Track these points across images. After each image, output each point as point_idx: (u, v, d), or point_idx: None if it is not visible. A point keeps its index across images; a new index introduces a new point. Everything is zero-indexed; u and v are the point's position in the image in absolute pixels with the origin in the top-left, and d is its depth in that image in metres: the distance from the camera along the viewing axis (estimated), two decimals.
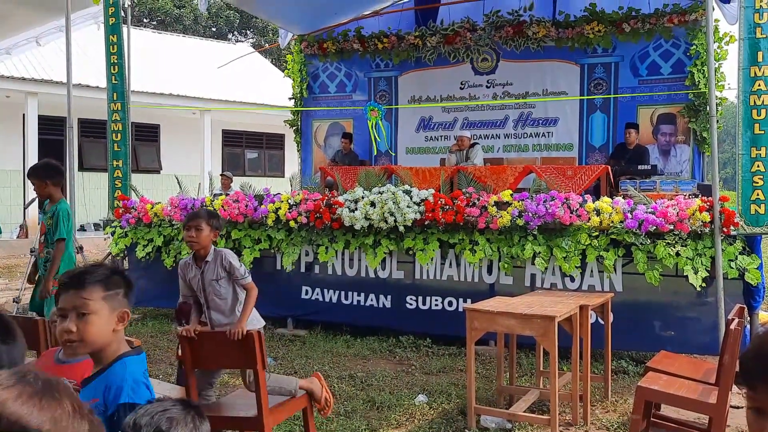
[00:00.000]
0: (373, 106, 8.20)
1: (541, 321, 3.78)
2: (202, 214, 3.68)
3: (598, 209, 5.48)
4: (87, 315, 1.83)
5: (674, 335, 5.34)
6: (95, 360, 1.91)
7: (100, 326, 1.85)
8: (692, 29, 8.62)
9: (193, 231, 3.57)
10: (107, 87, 7.26)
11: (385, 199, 6.10)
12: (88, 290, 1.85)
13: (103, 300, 1.86)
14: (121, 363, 1.88)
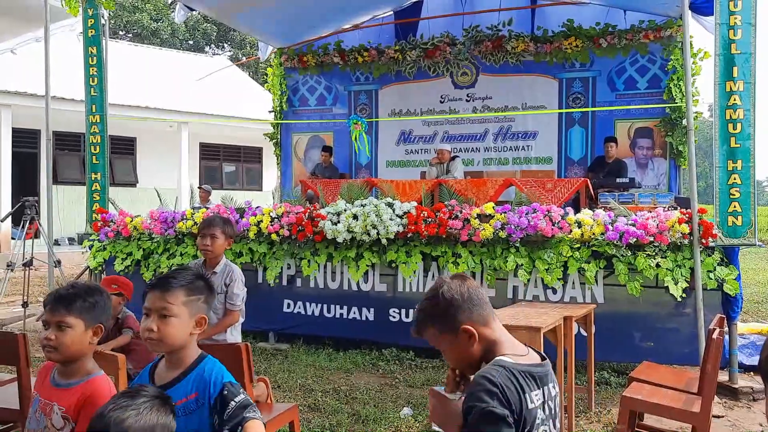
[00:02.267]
0: (356, 120, 8.24)
1: (526, 332, 3.78)
2: (217, 221, 3.65)
3: (580, 221, 5.53)
4: (168, 317, 1.99)
5: (654, 346, 5.39)
6: (174, 361, 2.04)
7: (178, 329, 1.99)
8: (667, 45, 8.81)
9: (208, 239, 3.55)
10: (85, 99, 7.18)
11: (367, 212, 6.09)
12: (172, 294, 2.01)
13: (184, 305, 2.01)
14: (208, 360, 2.07)
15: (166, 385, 2.04)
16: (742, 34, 5.12)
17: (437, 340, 1.87)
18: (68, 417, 2.05)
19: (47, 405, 2.09)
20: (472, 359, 1.84)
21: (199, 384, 2.01)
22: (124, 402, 1.42)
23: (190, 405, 2.01)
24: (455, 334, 1.82)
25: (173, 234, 6.79)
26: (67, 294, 2.13)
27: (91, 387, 2.07)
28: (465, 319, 1.82)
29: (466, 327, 1.81)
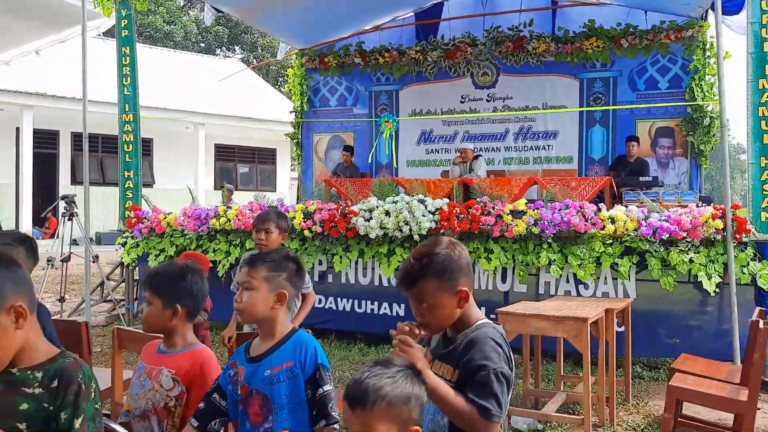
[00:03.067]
0: (388, 118, 8.32)
1: (573, 323, 3.87)
2: (272, 216, 3.75)
3: (613, 217, 5.60)
4: (250, 290, 2.13)
5: (687, 340, 5.44)
6: (267, 334, 2.18)
7: (258, 300, 2.13)
8: (689, 45, 8.87)
9: (263, 234, 3.65)
10: (119, 98, 7.28)
11: (400, 209, 6.18)
12: (255, 269, 2.15)
13: (264, 279, 2.13)
14: (300, 333, 2.18)
15: (261, 355, 2.16)
16: None
17: (431, 294, 1.89)
18: (178, 379, 2.20)
19: (153, 369, 2.24)
20: (451, 319, 1.92)
21: (294, 355, 2.14)
22: (379, 370, 1.46)
23: (285, 373, 2.12)
24: (452, 292, 1.89)
25: (206, 230, 6.88)
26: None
27: (201, 356, 2.22)
28: (464, 282, 1.92)
29: (464, 289, 1.90)
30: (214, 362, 2.26)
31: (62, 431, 1.47)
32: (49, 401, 1.48)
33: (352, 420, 1.43)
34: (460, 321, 1.93)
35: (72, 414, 1.47)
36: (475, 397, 1.76)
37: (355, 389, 1.43)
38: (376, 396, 1.41)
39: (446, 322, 1.94)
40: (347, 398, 1.44)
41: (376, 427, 1.40)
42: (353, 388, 1.44)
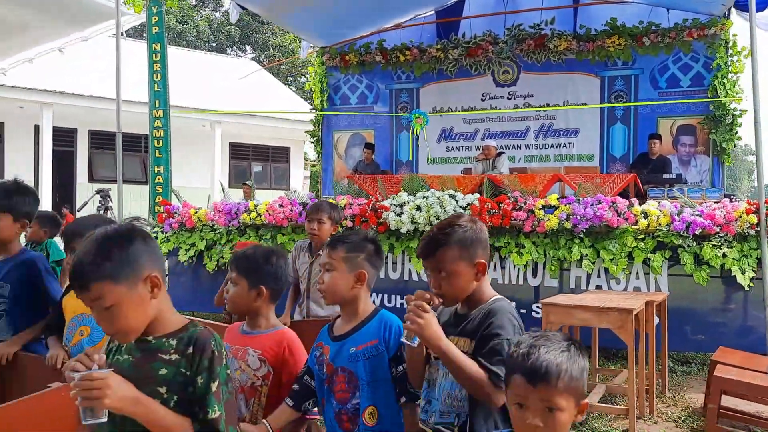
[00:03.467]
0: (418, 114, 8.38)
1: (618, 314, 3.92)
2: (325, 207, 3.81)
3: (646, 212, 5.64)
4: (331, 271, 2.22)
5: (719, 334, 5.48)
6: (349, 314, 2.25)
7: (338, 280, 2.21)
8: (711, 43, 8.90)
9: (316, 224, 3.71)
10: (149, 95, 7.35)
11: (431, 204, 6.23)
12: (334, 250, 2.22)
13: (343, 260, 2.20)
14: (383, 313, 2.25)
15: (345, 334, 2.23)
16: None
17: (450, 262, 1.96)
18: (264, 359, 2.27)
19: (239, 350, 2.31)
20: (466, 292, 1.99)
21: (379, 333, 2.20)
22: (549, 344, 1.47)
23: (371, 350, 2.19)
24: (470, 263, 1.96)
25: (236, 225, 6.95)
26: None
27: (286, 337, 2.29)
28: (481, 254, 1.99)
29: (483, 261, 1.98)
30: (299, 342, 2.32)
31: (199, 395, 1.53)
32: (186, 366, 1.55)
33: (532, 395, 1.45)
34: (474, 296, 2.00)
35: (208, 378, 1.54)
36: (487, 363, 1.82)
37: (535, 366, 1.45)
38: (558, 371, 1.44)
39: (462, 294, 2.00)
40: (526, 375, 1.46)
41: (557, 402, 1.44)
42: (532, 364, 1.46)
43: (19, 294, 2.74)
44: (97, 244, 1.55)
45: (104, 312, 1.53)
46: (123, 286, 1.53)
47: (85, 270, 1.52)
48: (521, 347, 1.53)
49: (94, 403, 1.42)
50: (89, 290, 1.52)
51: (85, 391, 1.42)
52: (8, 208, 2.71)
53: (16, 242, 2.85)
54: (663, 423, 4.30)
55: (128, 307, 1.54)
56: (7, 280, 2.74)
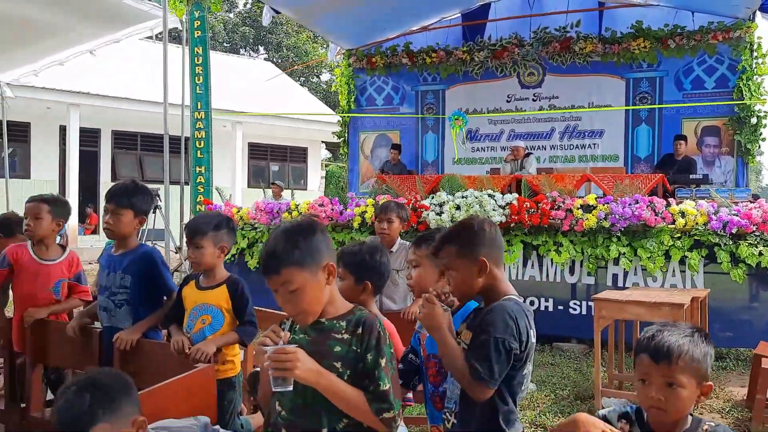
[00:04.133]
0: (458, 115, 8.56)
1: (670, 309, 4.08)
2: (393, 207, 3.98)
3: (683, 211, 5.81)
4: (417, 268, 2.41)
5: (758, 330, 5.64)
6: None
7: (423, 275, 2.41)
8: (736, 46, 9.04)
9: (386, 223, 3.88)
10: (191, 97, 7.55)
11: (470, 203, 6.41)
12: (419, 248, 2.44)
13: (427, 257, 2.37)
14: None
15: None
16: None
17: (451, 261, 2.07)
18: None
19: None
20: (472, 289, 2.05)
21: None
22: (674, 330, 1.66)
23: None
24: (470, 261, 2.04)
25: (278, 224, 7.14)
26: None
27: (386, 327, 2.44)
28: (484, 253, 2.04)
29: (483, 259, 2.03)
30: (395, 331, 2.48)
31: (368, 369, 1.73)
32: (356, 345, 1.74)
33: (655, 372, 1.63)
34: (491, 294, 2.06)
35: (376, 355, 1.73)
36: (470, 357, 1.91)
37: (658, 346, 1.63)
38: (680, 352, 1.61)
39: (468, 290, 2.07)
40: (650, 353, 1.64)
41: (678, 378, 1.61)
42: (656, 345, 1.64)
43: (139, 285, 2.93)
44: (286, 235, 1.75)
45: (289, 295, 1.72)
46: (307, 272, 1.72)
47: (277, 257, 1.71)
48: (648, 332, 1.71)
49: (285, 373, 1.62)
50: (280, 274, 1.71)
51: (279, 363, 1.61)
52: (130, 205, 2.92)
53: (134, 237, 3.06)
54: (708, 414, 4.47)
55: (310, 291, 1.73)
56: (128, 272, 2.94)
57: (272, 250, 1.72)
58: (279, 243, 1.73)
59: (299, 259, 1.72)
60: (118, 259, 2.99)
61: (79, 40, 11.01)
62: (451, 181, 6.82)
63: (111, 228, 2.94)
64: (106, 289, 2.96)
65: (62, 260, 3.37)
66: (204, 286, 2.83)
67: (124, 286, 2.92)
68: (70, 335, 2.86)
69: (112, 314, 2.93)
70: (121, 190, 2.96)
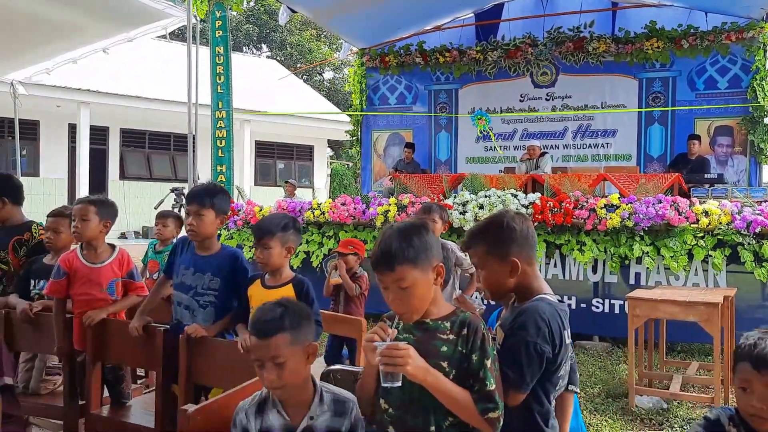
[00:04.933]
0: (480, 115, 8.62)
1: (704, 308, 4.15)
2: (435, 208, 4.06)
3: (707, 211, 5.88)
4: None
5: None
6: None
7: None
8: (749, 46, 9.11)
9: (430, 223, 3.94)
10: (212, 96, 7.60)
11: (493, 203, 6.47)
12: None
13: None
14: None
15: None
16: None
17: (481, 259, 2.03)
18: None
19: None
20: (504, 288, 2.02)
21: None
22: None
23: None
24: (502, 260, 1.99)
25: (300, 223, 7.19)
26: None
27: None
28: (515, 252, 1.98)
29: (514, 259, 1.97)
30: None
31: (473, 369, 1.77)
32: (462, 345, 1.79)
33: (757, 381, 1.65)
34: (525, 292, 2.01)
35: (482, 355, 1.77)
36: (500, 361, 1.84)
37: (761, 354, 1.64)
38: None
39: (499, 290, 2.04)
40: (753, 362, 1.65)
41: None
42: (758, 353, 1.65)
43: (226, 287, 2.99)
44: (401, 234, 1.80)
45: (400, 291, 1.77)
46: (419, 270, 1.78)
47: (392, 254, 1.76)
48: (749, 339, 1.72)
49: (397, 369, 1.66)
50: (394, 271, 1.76)
51: (391, 358, 1.66)
52: (212, 205, 2.97)
53: (216, 238, 3.11)
54: None
55: (420, 289, 1.78)
56: (218, 274, 2.99)
57: (387, 248, 1.78)
58: (394, 240, 1.78)
59: (413, 257, 1.77)
60: (205, 260, 3.03)
61: (93, 39, 11.04)
62: (474, 180, 6.87)
63: (195, 229, 2.97)
64: (190, 289, 3.00)
65: (112, 260, 3.41)
66: (270, 285, 2.89)
67: (212, 288, 2.97)
68: (134, 335, 2.91)
69: (194, 314, 2.98)
70: (202, 191, 3.02)
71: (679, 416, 4.33)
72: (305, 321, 1.91)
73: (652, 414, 4.35)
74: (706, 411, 4.39)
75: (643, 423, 4.28)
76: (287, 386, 1.84)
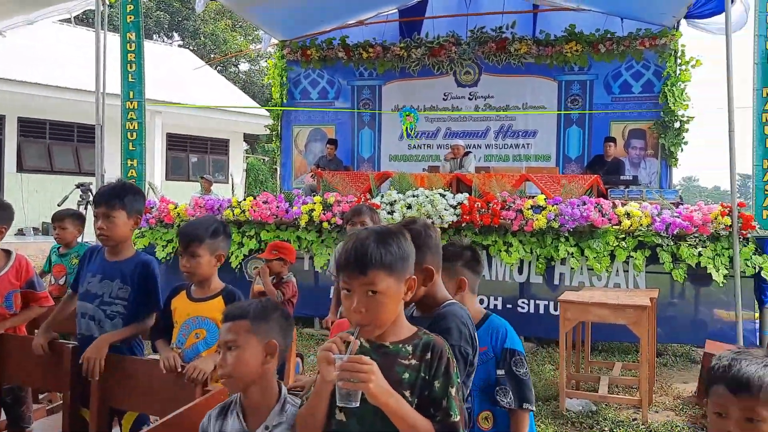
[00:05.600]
0: (408, 112, 8.46)
1: (633, 310, 4.18)
2: (366, 210, 3.84)
3: (629, 213, 5.99)
4: None
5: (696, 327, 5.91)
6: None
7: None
8: (662, 53, 9.45)
9: (358, 227, 3.72)
10: (122, 86, 7.09)
11: (422, 202, 6.35)
12: None
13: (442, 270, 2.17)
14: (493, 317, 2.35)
15: None
16: None
17: None
18: None
19: None
20: (414, 299, 1.95)
21: (487, 339, 2.29)
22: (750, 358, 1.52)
23: (480, 357, 2.22)
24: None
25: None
26: None
27: None
28: (430, 260, 1.98)
29: (429, 267, 1.95)
30: None
31: (436, 397, 1.59)
32: (425, 371, 1.60)
33: (733, 405, 1.51)
34: (428, 300, 2.00)
35: (446, 383, 1.59)
36: None
37: (737, 377, 1.50)
38: (760, 383, 1.49)
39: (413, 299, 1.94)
40: (728, 385, 1.52)
41: (759, 412, 1.48)
42: (734, 376, 1.51)
43: (137, 297, 2.70)
44: (379, 237, 1.61)
45: (367, 299, 1.57)
46: (393, 279, 1.60)
47: (366, 256, 1.57)
48: (723, 360, 1.58)
49: (358, 386, 1.45)
50: (366, 275, 1.57)
51: (352, 374, 1.45)
52: (122, 206, 2.66)
53: (130, 242, 2.79)
54: (663, 412, 4.62)
55: (390, 300, 1.60)
56: (128, 282, 2.69)
57: (363, 249, 1.58)
58: (371, 243, 1.59)
59: (389, 263, 1.59)
60: (115, 266, 2.74)
61: None
62: (401, 179, 6.73)
63: (105, 233, 2.68)
64: (96, 297, 2.70)
65: (8, 270, 3.02)
66: (197, 298, 2.61)
67: (121, 297, 2.68)
68: (39, 353, 2.56)
69: (101, 325, 2.66)
70: (110, 191, 2.72)
71: (608, 419, 4.34)
72: (274, 319, 1.88)
73: (582, 417, 4.35)
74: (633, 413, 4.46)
75: (574, 426, 4.27)
76: (235, 378, 1.78)
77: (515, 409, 2.29)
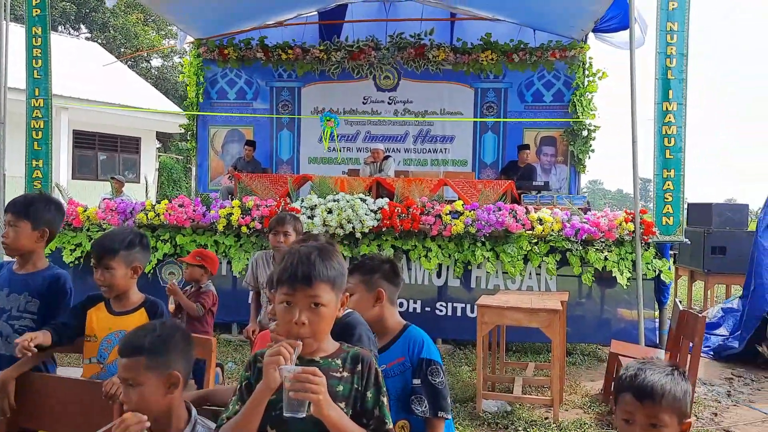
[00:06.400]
0: (329, 117, 8.41)
1: (546, 314, 4.36)
2: (289, 220, 3.80)
3: (541, 219, 6.23)
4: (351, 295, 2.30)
5: (602, 327, 6.23)
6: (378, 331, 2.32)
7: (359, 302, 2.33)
8: (571, 64, 9.89)
9: (282, 236, 3.69)
10: (27, 82, 6.72)
11: (342, 207, 6.37)
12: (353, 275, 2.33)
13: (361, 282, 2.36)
14: (412, 328, 2.38)
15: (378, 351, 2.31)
16: (677, 63, 6.08)
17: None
18: None
19: None
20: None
21: (405, 350, 2.35)
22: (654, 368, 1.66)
23: (398, 367, 2.33)
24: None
25: (131, 225, 6.58)
26: None
27: None
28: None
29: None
30: None
31: (369, 407, 1.64)
32: (357, 382, 1.65)
33: (639, 412, 1.64)
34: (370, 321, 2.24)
35: (377, 392, 1.65)
36: None
37: (642, 385, 1.64)
38: (663, 391, 1.63)
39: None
40: (634, 393, 1.65)
41: (662, 418, 1.63)
42: (639, 384, 1.64)
43: (47, 311, 2.58)
44: (322, 253, 1.67)
45: (310, 311, 1.62)
46: (334, 294, 1.68)
47: (313, 268, 1.63)
48: (630, 369, 1.72)
49: (307, 397, 1.49)
50: (311, 287, 1.62)
51: (305, 385, 1.49)
52: (26, 216, 2.54)
53: (41, 254, 2.66)
54: (573, 410, 4.84)
55: (329, 313, 1.67)
56: (36, 295, 2.57)
57: (309, 262, 1.63)
58: (316, 257, 1.65)
59: (332, 278, 1.66)
60: (23, 279, 2.63)
61: None
62: (322, 183, 6.72)
63: (6, 242, 2.60)
64: (3, 312, 2.59)
65: None
66: (119, 311, 2.52)
67: (29, 311, 2.57)
68: None
69: (9, 341, 2.55)
70: (20, 201, 2.65)
71: (522, 418, 4.51)
72: (173, 349, 1.86)
73: (498, 418, 4.50)
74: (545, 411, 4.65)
75: (490, 427, 4.41)
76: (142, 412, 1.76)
77: (430, 417, 2.34)
